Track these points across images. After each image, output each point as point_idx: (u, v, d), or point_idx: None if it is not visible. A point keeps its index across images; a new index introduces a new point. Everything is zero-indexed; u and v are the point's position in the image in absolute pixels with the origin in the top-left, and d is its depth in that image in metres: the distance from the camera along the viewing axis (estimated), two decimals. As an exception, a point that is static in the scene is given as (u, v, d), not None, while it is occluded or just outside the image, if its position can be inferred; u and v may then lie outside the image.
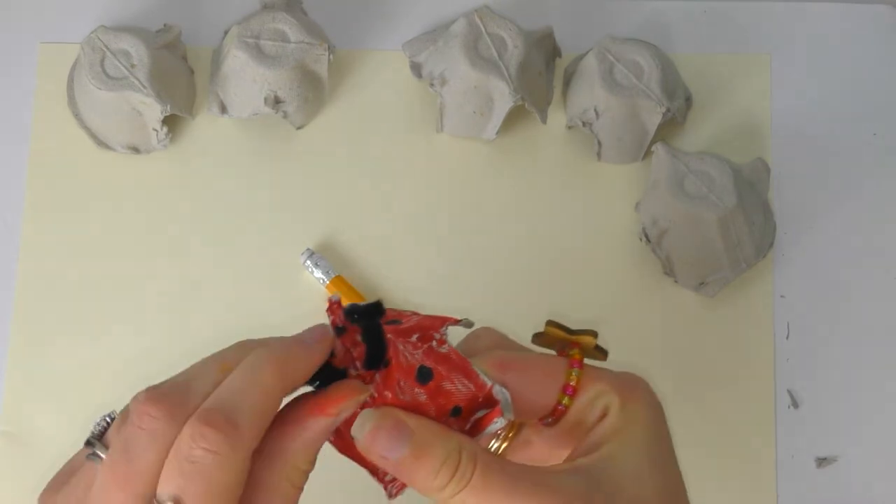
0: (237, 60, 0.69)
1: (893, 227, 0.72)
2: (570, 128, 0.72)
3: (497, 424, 0.41)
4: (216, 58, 0.72)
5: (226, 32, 0.72)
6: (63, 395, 0.68)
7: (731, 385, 0.69)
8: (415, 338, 0.41)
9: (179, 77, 0.71)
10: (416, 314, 0.43)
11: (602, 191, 0.71)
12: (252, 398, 0.39)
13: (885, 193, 0.72)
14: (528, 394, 0.42)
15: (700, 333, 0.69)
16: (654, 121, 0.69)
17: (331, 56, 0.69)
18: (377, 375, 0.41)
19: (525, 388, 0.42)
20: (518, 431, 0.45)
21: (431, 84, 0.70)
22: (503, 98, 0.68)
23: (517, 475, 0.40)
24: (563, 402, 0.43)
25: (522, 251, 0.71)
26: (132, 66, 0.68)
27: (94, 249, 0.70)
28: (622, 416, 0.42)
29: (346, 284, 0.68)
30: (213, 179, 0.71)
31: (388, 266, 0.70)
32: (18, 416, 0.68)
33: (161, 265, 0.70)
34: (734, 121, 0.73)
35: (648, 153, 0.71)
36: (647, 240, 0.69)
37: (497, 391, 0.41)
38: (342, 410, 0.40)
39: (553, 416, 0.43)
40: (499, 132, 0.70)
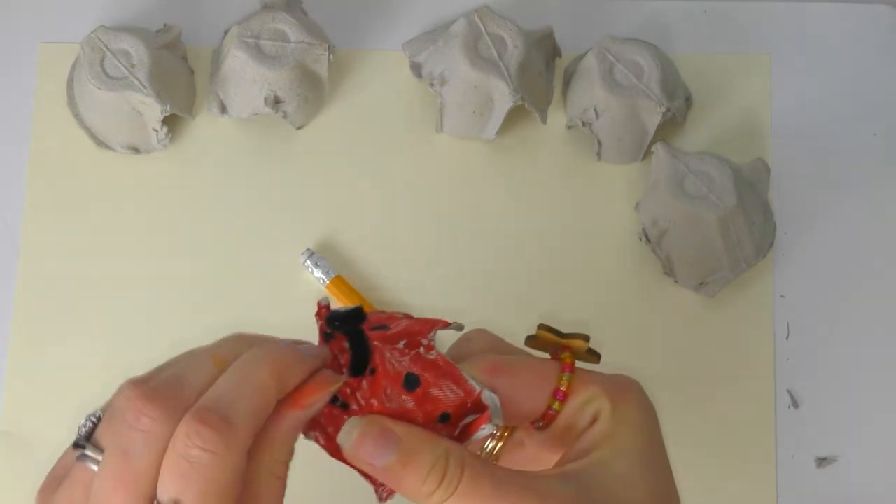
0: (237, 60, 0.69)
1: (893, 227, 0.72)
2: (570, 128, 0.72)
3: (485, 431, 0.41)
4: (216, 58, 0.72)
5: (226, 32, 0.72)
6: (63, 395, 0.68)
7: (731, 385, 0.69)
8: (402, 344, 0.41)
9: (179, 77, 0.71)
10: (407, 317, 0.42)
11: (602, 191, 0.71)
12: (248, 398, 0.38)
13: (885, 193, 0.72)
14: (518, 398, 0.42)
15: (700, 333, 0.69)
16: (654, 121, 0.69)
17: (331, 56, 0.69)
18: (364, 382, 0.41)
19: (515, 393, 0.42)
20: (512, 432, 0.45)
21: (431, 84, 0.70)
22: (503, 98, 0.68)
23: (505, 481, 0.40)
24: (554, 407, 0.42)
25: (522, 251, 0.71)
26: (132, 66, 0.68)
27: (94, 249, 0.70)
28: (613, 421, 0.42)
29: (346, 284, 0.68)
30: (213, 179, 0.71)
31: (388, 266, 0.70)
32: (18, 416, 0.68)
33: (161, 265, 0.70)
34: (734, 121, 0.73)
35: (648, 153, 0.71)
36: (647, 240, 0.69)
37: (486, 396, 0.40)
38: (315, 402, 0.40)
39: (544, 421, 0.43)
40: (499, 132, 0.70)
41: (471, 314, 0.46)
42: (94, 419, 0.40)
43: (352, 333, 0.42)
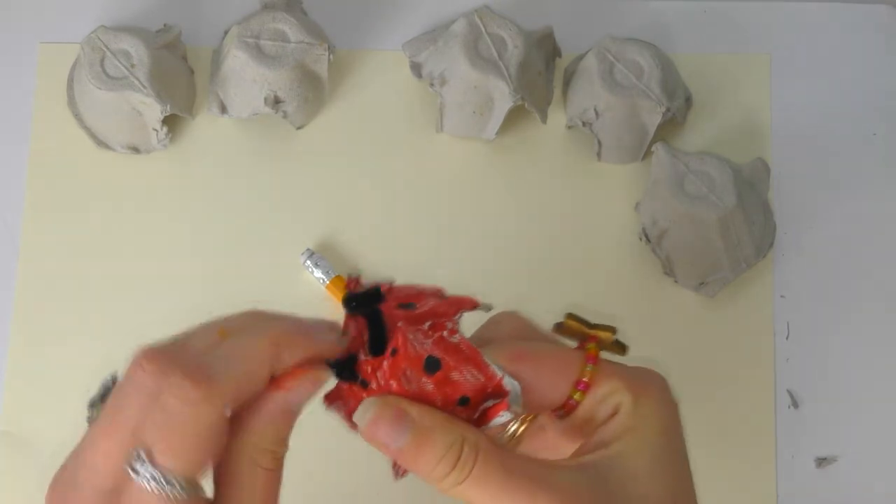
0: (237, 60, 0.69)
1: (893, 227, 0.72)
2: (570, 128, 0.72)
3: (503, 418, 0.41)
4: (216, 58, 0.72)
5: (226, 32, 0.72)
6: (63, 395, 0.68)
7: (731, 385, 0.69)
8: (427, 325, 0.41)
9: (179, 77, 0.71)
10: (437, 294, 0.42)
11: (602, 191, 0.71)
12: (236, 361, 0.39)
13: (885, 193, 0.72)
14: (540, 386, 0.42)
15: (700, 333, 0.69)
16: (654, 121, 0.69)
17: (331, 56, 0.69)
18: (385, 363, 0.41)
19: (537, 381, 0.42)
20: (536, 416, 0.45)
21: (431, 84, 0.70)
22: (503, 98, 0.68)
23: (517, 469, 0.40)
24: (575, 397, 0.42)
25: (522, 251, 0.71)
26: (132, 66, 0.68)
27: (94, 249, 0.70)
28: (633, 415, 0.42)
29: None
30: (213, 179, 0.71)
31: (388, 266, 0.70)
32: (18, 416, 0.68)
33: (161, 265, 0.70)
34: (734, 121, 0.73)
35: (648, 153, 0.71)
36: (647, 240, 0.69)
37: (507, 383, 0.41)
38: (298, 385, 0.40)
39: (564, 410, 0.43)
40: (499, 132, 0.70)
41: (471, 313, 0.46)
42: (112, 381, 0.41)
43: (369, 315, 0.42)
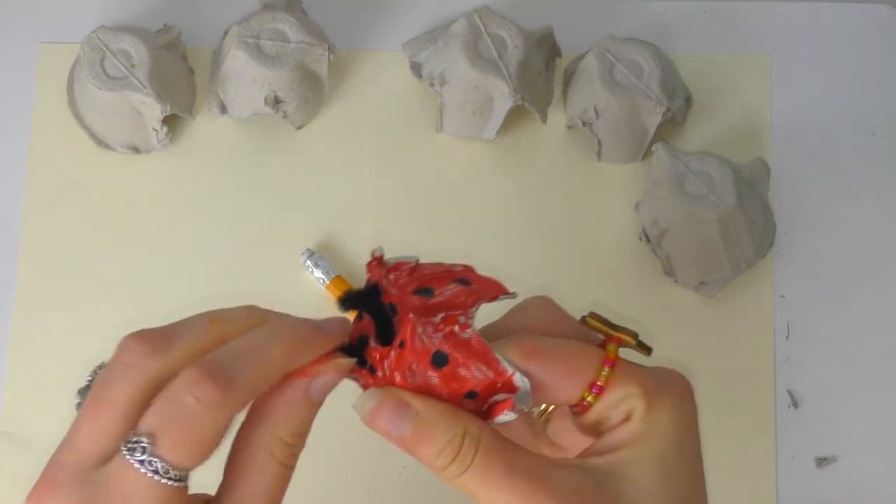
0: (237, 60, 0.69)
1: (893, 227, 0.72)
2: (570, 128, 0.72)
3: (507, 416, 0.40)
4: (216, 58, 0.72)
5: (226, 32, 0.72)
6: (63, 395, 0.67)
7: (731, 385, 0.69)
8: (439, 317, 0.40)
9: (179, 77, 0.71)
10: (461, 279, 0.42)
11: (602, 191, 0.71)
12: (256, 366, 0.39)
13: (885, 193, 0.72)
14: (552, 385, 0.41)
15: (700, 333, 0.69)
16: (654, 121, 0.69)
17: (331, 56, 0.69)
18: (392, 353, 0.41)
19: (549, 380, 0.41)
20: None
21: (431, 84, 0.70)
22: (503, 98, 0.68)
23: (518, 465, 0.40)
24: (588, 399, 0.41)
25: (522, 251, 0.71)
26: (132, 66, 0.68)
27: (94, 249, 0.70)
28: (644, 424, 0.41)
29: (346, 284, 0.68)
30: (213, 179, 0.71)
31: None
32: (18, 416, 0.68)
33: (161, 265, 0.70)
34: (734, 121, 0.73)
35: (648, 153, 0.71)
36: (647, 240, 0.69)
37: (517, 379, 0.40)
38: (321, 372, 0.40)
39: (577, 409, 0.42)
40: (499, 132, 0.70)
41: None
42: (98, 370, 0.41)
43: (371, 311, 0.41)
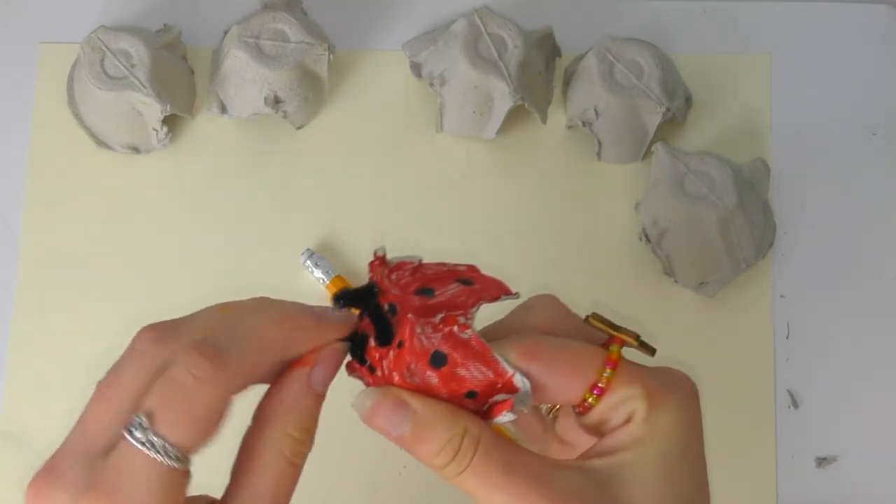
0: (237, 60, 0.69)
1: (893, 227, 0.72)
2: (570, 128, 0.72)
3: (505, 417, 0.40)
4: (216, 58, 0.72)
5: (226, 32, 0.72)
6: (63, 395, 0.68)
7: (731, 385, 0.69)
8: (438, 318, 0.40)
9: (179, 77, 0.71)
10: (462, 280, 0.42)
11: (602, 191, 0.71)
12: (252, 345, 0.39)
13: (885, 193, 0.72)
14: (553, 386, 0.41)
15: (700, 333, 0.69)
16: (654, 121, 0.69)
17: (331, 56, 0.69)
18: (391, 353, 0.41)
19: (550, 381, 0.41)
20: None
21: (431, 84, 0.70)
22: (503, 98, 0.68)
23: (516, 465, 0.40)
24: (589, 401, 0.41)
25: (522, 251, 0.71)
26: (132, 66, 0.68)
27: (94, 249, 0.70)
28: (645, 427, 0.41)
29: (346, 284, 0.68)
30: (213, 179, 0.71)
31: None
32: (18, 416, 0.68)
33: (161, 265, 0.70)
34: (734, 121, 0.73)
35: (648, 153, 0.71)
36: (647, 240, 0.69)
37: (517, 380, 0.40)
38: (319, 359, 0.41)
39: (579, 409, 0.42)
40: (499, 132, 0.70)
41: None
42: None
43: (366, 310, 0.41)
